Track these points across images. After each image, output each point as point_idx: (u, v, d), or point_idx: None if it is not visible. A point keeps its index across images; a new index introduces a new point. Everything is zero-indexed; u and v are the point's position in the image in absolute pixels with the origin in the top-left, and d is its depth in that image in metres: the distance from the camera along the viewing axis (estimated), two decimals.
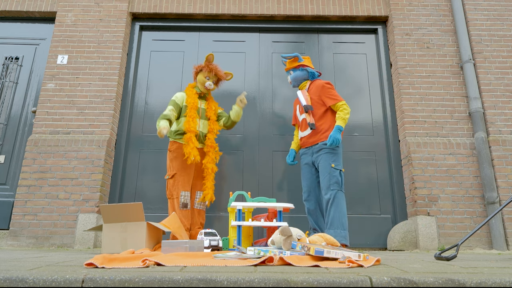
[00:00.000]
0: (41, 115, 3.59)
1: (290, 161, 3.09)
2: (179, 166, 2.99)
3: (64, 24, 3.89)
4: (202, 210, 3.11)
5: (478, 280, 1.16)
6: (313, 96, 2.94)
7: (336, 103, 2.86)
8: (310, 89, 3.00)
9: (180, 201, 2.92)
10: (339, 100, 2.86)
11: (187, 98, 3.12)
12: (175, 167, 2.99)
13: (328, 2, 4.04)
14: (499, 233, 3.15)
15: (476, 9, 3.87)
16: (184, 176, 2.98)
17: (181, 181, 2.96)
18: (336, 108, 2.88)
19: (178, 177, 2.97)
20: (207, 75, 3.18)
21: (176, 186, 2.95)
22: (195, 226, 3.06)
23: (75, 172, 3.39)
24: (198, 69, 3.22)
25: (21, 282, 1.14)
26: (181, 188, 2.94)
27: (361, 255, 1.58)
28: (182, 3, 4.04)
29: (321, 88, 2.92)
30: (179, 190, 2.94)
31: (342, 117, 2.80)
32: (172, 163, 3.01)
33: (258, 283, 1.13)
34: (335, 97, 2.87)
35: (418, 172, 3.39)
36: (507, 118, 3.51)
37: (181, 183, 2.96)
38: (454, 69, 3.74)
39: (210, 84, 3.15)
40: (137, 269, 1.31)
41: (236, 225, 2.59)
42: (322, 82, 2.94)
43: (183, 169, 2.99)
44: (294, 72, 3.07)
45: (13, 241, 3.21)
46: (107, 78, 3.72)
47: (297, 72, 3.05)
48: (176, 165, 2.99)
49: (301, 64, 3.05)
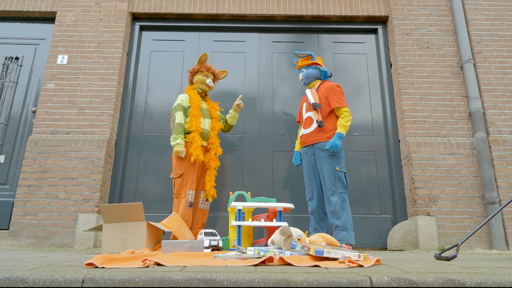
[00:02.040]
0: (41, 115, 3.59)
1: (297, 164, 3.09)
2: (186, 165, 3.00)
3: (64, 24, 3.89)
4: (206, 210, 3.13)
5: (478, 280, 1.16)
6: (321, 96, 2.95)
7: (340, 108, 2.86)
8: (319, 89, 3.00)
9: (188, 200, 2.93)
10: (343, 105, 2.86)
11: (190, 98, 3.15)
12: (183, 166, 3.00)
13: (328, 2, 4.04)
14: (499, 233, 3.15)
15: (476, 9, 3.87)
16: (191, 175, 3.00)
17: (189, 180, 2.97)
18: (338, 113, 2.89)
19: (186, 176, 2.98)
20: (205, 74, 3.23)
21: (185, 185, 2.96)
22: (196, 225, 3.06)
23: (75, 172, 3.39)
24: (193, 72, 3.26)
25: (21, 282, 1.14)
26: (189, 187, 2.96)
27: (361, 255, 1.58)
28: (182, 3, 4.04)
29: (330, 89, 2.92)
30: (187, 189, 2.95)
31: (344, 124, 2.82)
32: (179, 161, 3.02)
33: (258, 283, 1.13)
34: (341, 102, 2.88)
35: (418, 172, 3.39)
36: (507, 118, 3.51)
37: (189, 182, 2.97)
38: (454, 69, 3.74)
39: (210, 81, 3.21)
40: (137, 269, 1.31)
41: (236, 225, 2.59)
42: (332, 84, 2.95)
43: (190, 168, 3.01)
44: (306, 69, 3.08)
45: (13, 241, 3.21)
46: (107, 78, 3.72)
47: (309, 70, 3.06)
48: (184, 164, 3.00)
49: (314, 62, 3.07)
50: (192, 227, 3.06)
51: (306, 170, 2.98)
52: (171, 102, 3.87)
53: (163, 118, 3.81)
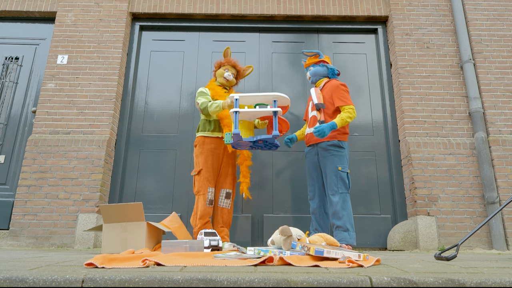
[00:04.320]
0: (41, 115, 3.59)
1: (286, 139, 3.07)
2: (204, 161, 2.93)
3: (64, 24, 3.89)
4: (225, 209, 2.98)
5: (478, 280, 1.16)
6: (326, 95, 2.94)
7: (343, 105, 2.83)
8: (324, 88, 2.99)
9: (207, 197, 2.87)
10: (347, 103, 2.83)
11: (212, 91, 3.08)
12: (200, 162, 2.93)
13: (328, 2, 4.04)
14: (499, 233, 3.15)
15: (476, 9, 3.87)
16: (210, 172, 2.92)
17: (207, 177, 2.90)
18: (342, 110, 2.86)
19: (204, 173, 2.91)
20: (226, 67, 3.16)
21: (203, 182, 2.89)
22: (217, 225, 2.95)
23: (75, 172, 3.39)
24: (217, 65, 3.19)
25: (21, 282, 1.14)
26: (208, 184, 2.89)
27: (361, 255, 1.58)
28: (182, 3, 4.04)
29: (335, 88, 2.90)
30: (207, 186, 2.88)
31: (343, 117, 2.77)
32: (198, 158, 2.95)
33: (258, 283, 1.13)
34: (345, 100, 2.84)
35: (418, 172, 3.39)
36: (507, 118, 3.51)
37: (208, 179, 2.90)
38: (454, 69, 3.74)
39: (229, 74, 3.11)
40: (137, 269, 1.31)
41: (233, 111, 2.60)
42: (337, 83, 2.92)
43: (208, 165, 2.93)
44: (314, 67, 3.07)
45: (13, 241, 3.21)
46: (107, 78, 3.72)
47: (317, 68, 3.05)
48: (201, 161, 2.93)
49: (321, 60, 3.06)
50: (213, 226, 2.96)
51: (309, 169, 2.97)
52: (171, 102, 3.87)
53: (163, 118, 3.81)
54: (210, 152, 2.94)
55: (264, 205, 3.55)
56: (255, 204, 3.55)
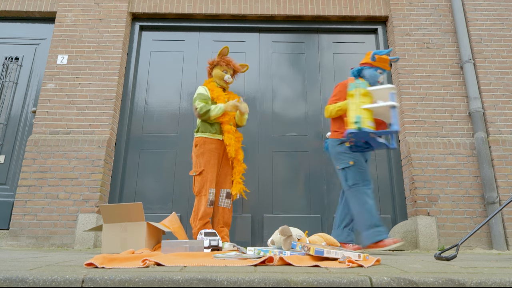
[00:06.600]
0: (41, 115, 3.59)
1: None
2: (206, 161, 2.90)
3: (64, 24, 3.89)
4: (226, 208, 2.96)
5: (478, 280, 1.16)
6: None
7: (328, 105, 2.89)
8: None
9: (209, 198, 2.84)
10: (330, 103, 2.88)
11: (212, 92, 3.06)
12: (202, 163, 2.90)
13: (328, 2, 4.04)
14: (499, 233, 3.15)
15: (476, 9, 3.87)
16: (211, 172, 2.90)
17: (209, 178, 2.88)
18: None
19: (206, 174, 2.88)
20: (224, 68, 3.13)
21: (205, 183, 2.86)
22: (217, 225, 2.93)
23: (75, 172, 3.39)
24: (212, 64, 3.16)
25: (21, 282, 1.14)
26: (210, 185, 2.86)
27: (361, 255, 1.58)
28: (182, 3, 4.04)
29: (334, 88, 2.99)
30: (208, 187, 2.85)
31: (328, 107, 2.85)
32: (199, 159, 2.92)
33: (258, 283, 1.13)
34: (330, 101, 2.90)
35: (418, 172, 3.39)
36: (507, 118, 3.51)
37: (210, 180, 2.88)
38: (454, 69, 3.74)
39: (229, 77, 3.11)
40: (137, 269, 1.31)
41: (391, 105, 2.56)
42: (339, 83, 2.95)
43: (210, 165, 2.90)
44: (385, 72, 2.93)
45: (13, 241, 3.21)
46: (107, 78, 3.72)
47: None
48: (203, 161, 2.90)
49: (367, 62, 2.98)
50: (213, 226, 2.95)
51: None
52: (171, 102, 3.87)
53: (163, 118, 3.81)
54: (212, 152, 2.93)
55: (264, 205, 3.55)
56: (255, 204, 3.55)
